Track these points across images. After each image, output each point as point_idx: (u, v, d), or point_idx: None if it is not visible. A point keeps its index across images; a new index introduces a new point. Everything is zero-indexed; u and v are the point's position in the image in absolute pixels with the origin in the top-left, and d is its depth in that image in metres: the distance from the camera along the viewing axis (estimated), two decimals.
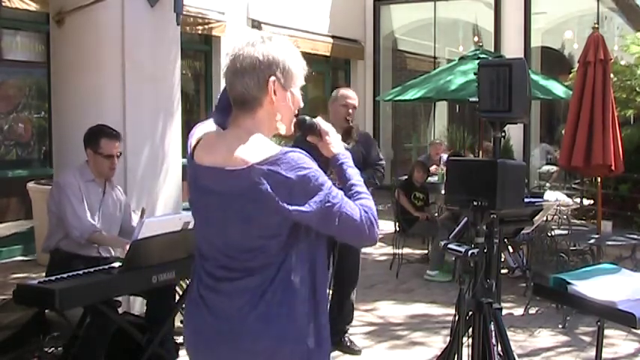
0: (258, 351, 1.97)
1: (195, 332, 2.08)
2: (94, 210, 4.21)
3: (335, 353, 4.88)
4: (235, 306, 1.99)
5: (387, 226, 8.96)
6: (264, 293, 1.97)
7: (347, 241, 2.15)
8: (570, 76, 9.74)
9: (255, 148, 1.95)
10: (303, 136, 2.22)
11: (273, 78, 2.01)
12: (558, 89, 9.06)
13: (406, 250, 7.60)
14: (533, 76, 8.87)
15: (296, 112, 2.14)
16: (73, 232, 4.08)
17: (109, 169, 4.27)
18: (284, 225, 1.96)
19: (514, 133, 11.21)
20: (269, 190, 1.90)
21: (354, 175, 2.15)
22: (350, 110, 4.57)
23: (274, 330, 1.96)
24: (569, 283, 2.98)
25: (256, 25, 11.18)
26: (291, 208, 1.93)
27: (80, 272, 3.61)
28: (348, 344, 4.94)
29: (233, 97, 2.04)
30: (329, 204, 1.97)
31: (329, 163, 2.22)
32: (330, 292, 4.77)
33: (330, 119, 4.50)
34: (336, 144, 2.21)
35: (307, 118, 2.19)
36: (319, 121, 2.22)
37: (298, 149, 1.98)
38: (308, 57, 9.97)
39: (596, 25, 6.44)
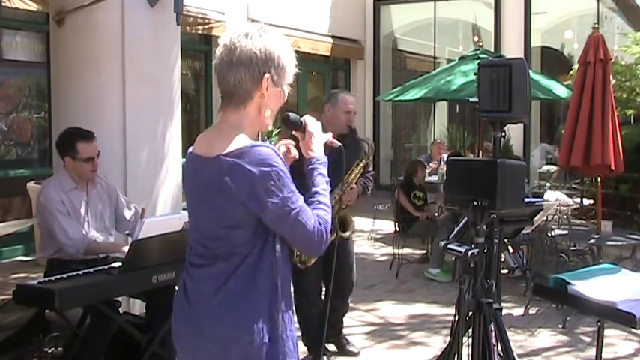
0: (216, 338, 2.02)
1: (176, 320, 2.16)
2: (82, 218, 4.13)
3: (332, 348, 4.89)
4: (202, 292, 2.06)
5: (387, 226, 8.97)
6: (227, 281, 2.02)
7: (294, 246, 2.15)
8: (570, 73, 9.73)
9: (228, 140, 2.00)
10: (289, 131, 2.21)
11: (267, 75, 2.03)
12: (559, 89, 9.05)
13: (406, 250, 7.60)
14: (534, 76, 8.88)
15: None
16: (68, 249, 4.02)
17: (91, 172, 4.13)
18: (248, 217, 1.99)
19: (514, 133, 11.20)
20: (231, 182, 1.96)
21: (321, 183, 2.11)
22: (351, 117, 4.54)
23: (232, 318, 2.00)
24: (569, 283, 2.97)
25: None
26: (249, 202, 1.96)
27: (80, 272, 3.62)
28: (346, 345, 4.91)
29: (223, 89, 2.08)
30: (286, 208, 1.97)
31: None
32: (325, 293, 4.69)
33: (327, 121, 4.42)
34: (315, 147, 2.17)
35: (292, 114, 2.18)
36: (308, 119, 2.20)
37: (269, 145, 2.01)
38: (308, 57, 10.01)
39: (596, 25, 6.43)
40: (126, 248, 4.03)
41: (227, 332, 2.00)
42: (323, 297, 4.71)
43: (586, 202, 8.83)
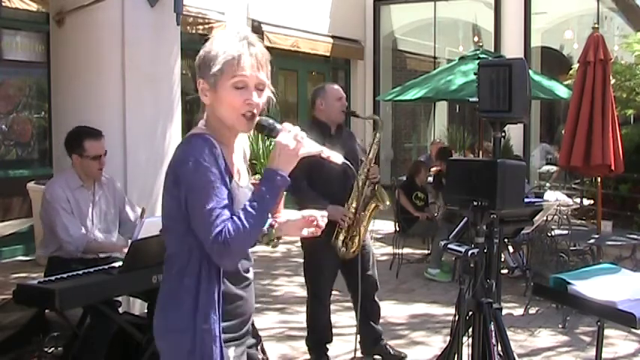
0: (158, 336, 2.07)
1: None
2: (87, 217, 4.14)
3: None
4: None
5: (387, 226, 8.97)
6: (164, 282, 2.09)
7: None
8: (570, 73, 9.73)
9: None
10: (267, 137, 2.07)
11: (200, 80, 2.04)
12: (560, 90, 9.06)
13: (406, 250, 7.60)
14: (535, 77, 8.88)
15: (251, 110, 2.00)
16: (67, 247, 4.04)
17: (97, 170, 4.16)
18: (179, 212, 1.98)
19: (514, 133, 11.20)
20: (167, 170, 2.03)
21: (258, 200, 1.92)
22: (344, 102, 4.64)
23: (167, 318, 2.03)
24: (569, 283, 2.97)
25: (256, 25, 11.18)
26: (172, 191, 1.98)
27: (80, 272, 3.62)
28: (391, 351, 4.81)
29: None
30: (192, 202, 1.93)
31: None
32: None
33: (324, 115, 4.56)
34: (280, 160, 1.95)
35: (264, 119, 2.03)
36: (287, 127, 1.99)
37: (205, 136, 1.97)
38: (308, 57, 10.05)
39: (596, 25, 6.44)
40: (126, 249, 4.04)
41: (162, 332, 2.06)
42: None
43: (586, 202, 8.83)
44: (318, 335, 4.68)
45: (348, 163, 2.03)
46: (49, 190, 4.14)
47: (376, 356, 4.82)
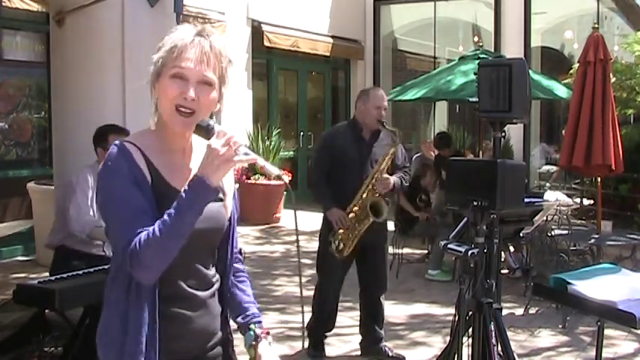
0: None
1: None
2: None
3: None
4: None
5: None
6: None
7: None
8: (570, 72, 9.73)
9: None
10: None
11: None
12: (560, 90, 9.06)
13: (406, 250, 7.60)
14: (536, 77, 8.88)
15: (186, 105, 1.81)
16: (74, 226, 4.15)
17: None
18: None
19: (514, 133, 11.19)
20: None
21: (177, 209, 1.71)
22: (383, 112, 4.66)
23: (100, 335, 1.89)
24: (569, 283, 2.97)
25: (256, 25, 11.18)
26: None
27: (80, 272, 3.62)
28: (390, 353, 4.81)
29: None
30: (102, 210, 1.84)
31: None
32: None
33: (360, 117, 4.65)
34: (208, 164, 1.73)
35: (204, 120, 1.81)
36: (221, 130, 1.77)
37: (122, 143, 1.85)
38: (308, 57, 10.07)
39: (596, 25, 6.44)
40: None
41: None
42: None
43: (586, 202, 8.83)
44: (320, 322, 4.76)
45: (282, 176, 1.81)
46: (79, 174, 4.36)
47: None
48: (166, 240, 1.71)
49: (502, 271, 6.85)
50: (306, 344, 4.81)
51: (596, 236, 6.16)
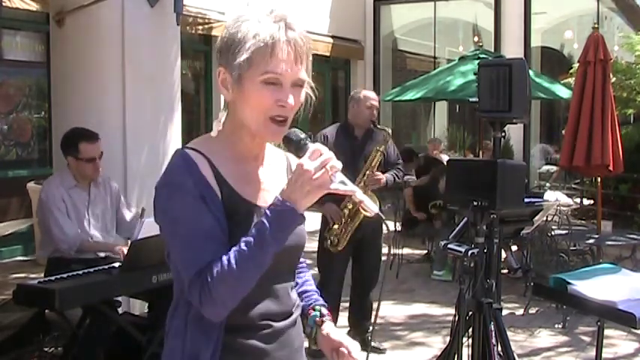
0: None
1: None
2: (82, 216, 4.13)
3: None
4: None
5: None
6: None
7: None
8: (570, 72, 9.73)
9: None
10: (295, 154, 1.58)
11: (221, 69, 1.58)
12: (560, 90, 9.06)
13: (406, 250, 7.60)
14: (536, 79, 8.87)
15: (283, 114, 1.55)
16: (61, 246, 4.03)
17: (93, 172, 4.15)
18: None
19: (514, 133, 11.20)
20: None
21: (257, 237, 1.46)
22: (374, 112, 4.86)
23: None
24: (569, 283, 2.97)
25: None
26: (157, 218, 1.59)
27: (80, 272, 3.61)
28: (372, 344, 4.86)
29: None
30: (167, 230, 1.55)
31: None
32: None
33: (353, 118, 4.87)
34: (298, 187, 1.47)
35: (295, 133, 1.56)
36: (318, 148, 1.50)
37: (185, 152, 1.56)
38: None
39: (596, 25, 6.44)
40: (120, 248, 4.04)
41: None
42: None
43: (586, 202, 8.84)
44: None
45: (381, 215, 1.60)
46: (45, 189, 4.15)
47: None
48: (244, 272, 1.46)
49: (502, 271, 6.84)
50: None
51: (596, 236, 6.16)
